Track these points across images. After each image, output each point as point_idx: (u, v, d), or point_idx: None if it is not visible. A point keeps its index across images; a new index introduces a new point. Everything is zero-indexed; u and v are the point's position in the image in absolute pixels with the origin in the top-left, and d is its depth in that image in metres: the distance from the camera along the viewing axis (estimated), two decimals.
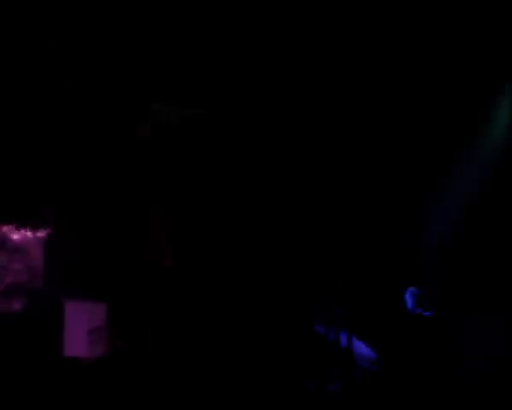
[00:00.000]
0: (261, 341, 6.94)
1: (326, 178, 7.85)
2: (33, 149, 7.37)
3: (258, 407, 6.14)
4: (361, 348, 7.06)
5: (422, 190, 7.85)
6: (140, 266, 6.82)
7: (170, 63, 7.56)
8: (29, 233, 7.09)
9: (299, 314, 7.11)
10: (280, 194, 7.76)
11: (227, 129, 7.64)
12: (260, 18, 7.58)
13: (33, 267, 6.96)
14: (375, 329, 7.20)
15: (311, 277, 7.43)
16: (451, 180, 7.78)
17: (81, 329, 6.75)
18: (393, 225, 7.81)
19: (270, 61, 7.72)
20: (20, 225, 6.96)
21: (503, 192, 7.62)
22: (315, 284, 7.36)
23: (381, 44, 7.55)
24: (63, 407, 5.63)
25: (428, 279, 7.51)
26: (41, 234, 7.14)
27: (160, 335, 6.62)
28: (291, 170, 7.79)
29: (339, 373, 6.82)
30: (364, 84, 7.72)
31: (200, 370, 6.32)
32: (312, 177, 7.82)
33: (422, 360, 6.93)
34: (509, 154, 7.62)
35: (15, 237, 7.03)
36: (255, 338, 6.96)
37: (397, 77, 7.73)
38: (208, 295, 7.26)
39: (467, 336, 7.17)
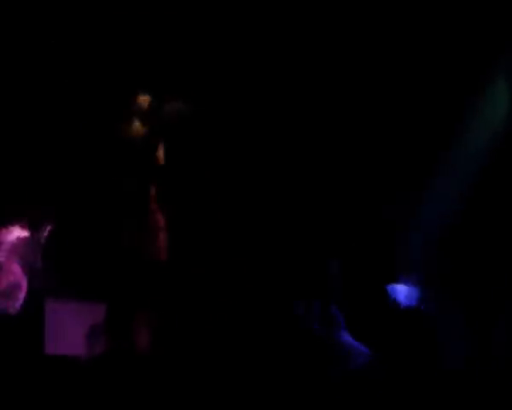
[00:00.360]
0: (259, 339, 6.96)
1: (321, 178, 7.86)
2: (31, 148, 7.37)
3: (257, 406, 6.16)
4: (357, 345, 7.08)
5: (416, 183, 7.83)
6: (138, 264, 6.82)
7: (167, 60, 7.56)
8: (27, 233, 7.10)
9: (295, 313, 7.12)
10: (277, 193, 7.77)
11: (226, 127, 7.65)
12: (260, 16, 7.60)
13: (31, 267, 6.97)
14: (371, 326, 7.21)
15: (308, 275, 7.45)
16: (445, 174, 7.75)
17: (79, 328, 6.77)
18: (386, 221, 7.82)
19: (270, 60, 7.73)
20: (18, 224, 6.98)
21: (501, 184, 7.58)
22: (311, 282, 7.38)
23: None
24: (61, 406, 5.67)
25: (424, 276, 7.52)
26: (40, 234, 7.15)
27: (158, 334, 6.63)
28: (288, 170, 7.80)
29: (336, 371, 6.84)
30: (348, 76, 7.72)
31: (198, 369, 6.34)
32: (308, 176, 7.83)
33: (417, 356, 6.94)
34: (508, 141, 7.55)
35: (13, 236, 7.04)
36: (253, 337, 6.98)
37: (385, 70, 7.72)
38: (206, 293, 7.27)
39: (462, 334, 7.19)
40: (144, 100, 6.79)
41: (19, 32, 7.32)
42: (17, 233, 7.06)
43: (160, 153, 6.87)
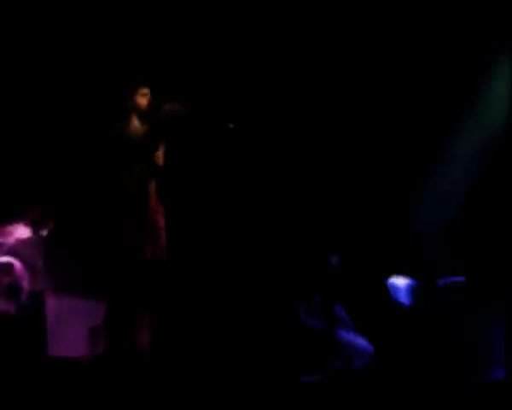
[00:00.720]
0: (259, 337, 6.96)
1: (320, 176, 7.86)
2: (31, 148, 7.38)
3: (258, 404, 6.14)
4: (359, 341, 7.07)
5: (414, 176, 7.81)
6: (139, 264, 6.81)
7: (167, 60, 7.57)
8: (28, 233, 7.11)
9: (297, 312, 7.13)
10: (277, 192, 7.77)
11: (226, 127, 7.63)
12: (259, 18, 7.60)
13: (33, 267, 6.99)
14: (373, 323, 7.21)
15: (309, 273, 7.45)
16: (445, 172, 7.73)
17: (80, 327, 6.78)
18: (385, 214, 7.81)
19: (269, 61, 7.73)
20: (19, 224, 7.00)
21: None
22: (313, 280, 7.38)
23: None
24: (63, 406, 5.67)
25: (425, 270, 7.51)
26: (40, 233, 7.16)
27: (158, 333, 6.64)
28: (287, 168, 7.80)
29: (337, 367, 6.84)
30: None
31: (198, 369, 6.34)
32: (307, 174, 7.83)
33: (421, 355, 6.93)
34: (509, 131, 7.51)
35: (14, 237, 7.06)
36: (253, 335, 6.98)
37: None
38: (206, 292, 7.28)
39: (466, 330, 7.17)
40: (144, 99, 6.78)
41: (19, 32, 7.33)
42: (18, 233, 7.08)
43: (160, 152, 6.86)
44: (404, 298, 7.31)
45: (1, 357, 6.14)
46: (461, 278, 7.15)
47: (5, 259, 6.97)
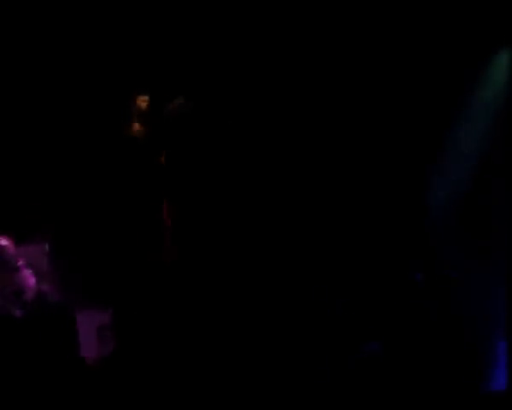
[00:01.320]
0: (266, 337, 6.98)
1: (325, 173, 7.87)
2: (31, 155, 7.43)
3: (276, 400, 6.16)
4: (370, 332, 7.09)
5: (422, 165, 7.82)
6: (144, 267, 6.85)
7: (167, 60, 7.60)
8: (34, 237, 7.16)
9: (303, 305, 7.15)
10: (283, 190, 7.78)
11: (228, 126, 7.68)
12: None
13: (38, 271, 7.02)
14: (381, 314, 7.23)
15: (317, 266, 7.47)
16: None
17: (89, 330, 6.82)
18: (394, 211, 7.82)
19: (270, 60, 7.76)
20: (23, 233, 7.03)
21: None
22: (320, 272, 7.40)
23: None
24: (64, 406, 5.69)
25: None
26: (46, 237, 7.21)
27: (162, 334, 6.66)
28: (292, 165, 7.81)
29: (350, 357, 6.87)
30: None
31: (203, 368, 6.37)
32: (311, 171, 7.84)
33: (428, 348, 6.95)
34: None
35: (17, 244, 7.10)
36: (259, 337, 7.00)
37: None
38: (212, 293, 7.29)
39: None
40: (143, 101, 6.83)
41: (19, 34, 7.37)
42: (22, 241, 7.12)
43: (163, 152, 6.90)
44: None
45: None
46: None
47: (11, 262, 7.02)
